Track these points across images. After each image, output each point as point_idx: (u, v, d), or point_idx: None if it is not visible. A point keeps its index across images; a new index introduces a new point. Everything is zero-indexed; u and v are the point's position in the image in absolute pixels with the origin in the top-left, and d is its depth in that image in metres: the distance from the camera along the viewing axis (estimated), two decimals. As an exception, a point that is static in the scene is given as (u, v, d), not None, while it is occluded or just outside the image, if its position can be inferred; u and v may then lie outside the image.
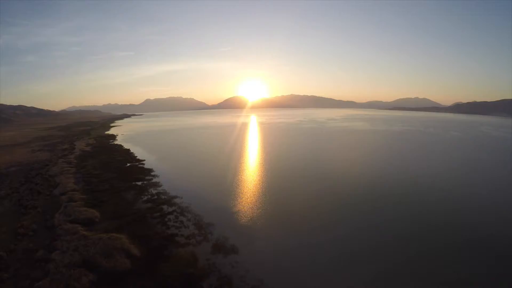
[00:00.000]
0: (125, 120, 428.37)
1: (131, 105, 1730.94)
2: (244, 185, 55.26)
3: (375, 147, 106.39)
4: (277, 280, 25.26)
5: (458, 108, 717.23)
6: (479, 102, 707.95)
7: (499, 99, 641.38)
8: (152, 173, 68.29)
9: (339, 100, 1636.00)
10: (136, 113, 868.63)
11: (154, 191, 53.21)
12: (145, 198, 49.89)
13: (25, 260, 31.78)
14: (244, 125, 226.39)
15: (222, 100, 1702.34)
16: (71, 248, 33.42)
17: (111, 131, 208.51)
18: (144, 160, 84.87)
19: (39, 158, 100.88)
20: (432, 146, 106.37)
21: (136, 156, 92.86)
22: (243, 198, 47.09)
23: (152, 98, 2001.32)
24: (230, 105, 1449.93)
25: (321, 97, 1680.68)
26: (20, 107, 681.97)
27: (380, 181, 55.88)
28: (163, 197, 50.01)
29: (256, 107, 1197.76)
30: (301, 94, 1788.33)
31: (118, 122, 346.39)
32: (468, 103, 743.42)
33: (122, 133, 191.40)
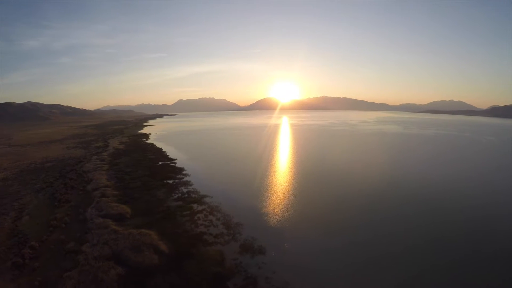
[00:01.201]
0: (158, 120, 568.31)
1: (164, 105, 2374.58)
2: (273, 186, 69.84)
3: (407, 151, 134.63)
4: (302, 283, 32.03)
5: (494, 111, 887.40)
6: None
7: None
8: (184, 172, 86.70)
9: (371, 103, 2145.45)
10: (169, 113, 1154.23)
11: (184, 190, 67.76)
12: (176, 196, 63.32)
13: (56, 251, 41.73)
14: (276, 127, 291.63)
15: (254, 102, 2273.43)
16: (101, 242, 42.74)
17: (144, 130, 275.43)
18: (175, 159, 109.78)
19: (74, 154, 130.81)
20: (465, 151, 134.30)
21: (168, 155, 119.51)
22: (272, 200, 59.74)
23: (184, 99, 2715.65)
24: (261, 107, 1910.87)
25: (353, 99, 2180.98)
26: (56, 106, 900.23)
27: (411, 186, 70.53)
28: (193, 196, 63.23)
29: (288, 109, 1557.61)
30: (333, 96, 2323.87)
31: (151, 122, 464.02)
32: (505, 106, 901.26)
33: (155, 132, 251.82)
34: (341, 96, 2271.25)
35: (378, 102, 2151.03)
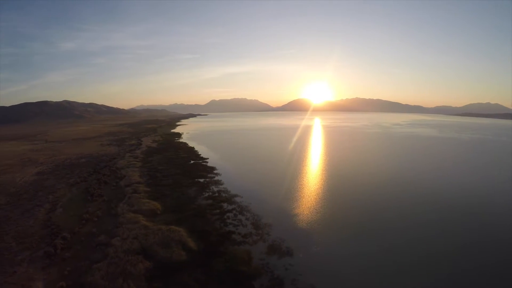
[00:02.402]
0: (191, 119, 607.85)
1: (196, 105, 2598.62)
2: (304, 188, 72.72)
3: (441, 155, 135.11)
4: (328, 287, 33.56)
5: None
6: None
7: None
8: (215, 171, 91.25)
9: (405, 105, 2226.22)
10: (202, 113, 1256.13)
11: (215, 189, 71.34)
12: (206, 195, 66.83)
13: (87, 243, 44.64)
14: (308, 128, 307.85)
15: (286, 102, 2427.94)
16: (131, 236, 45.13)
17: (177, 130, 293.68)
18: (207, 158, 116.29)
19: (108, 151, 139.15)
20: (502, 157, 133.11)
21: (200, 154, 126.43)
22: (303, 202, 62.08)
23: (217, 99, 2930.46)
24: (294, 107, 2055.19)
25: (387, 101, 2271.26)
26: (91, 105, 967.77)
27: (444, 192, 71.03)
28: (224, 195, 66.37)
29: (320, 110, 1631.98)
30: (366, 97, 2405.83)
31: (183, 121, 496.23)
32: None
33: (187, 131, 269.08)
34: (374, 98, 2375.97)
35: (412, 104, 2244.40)
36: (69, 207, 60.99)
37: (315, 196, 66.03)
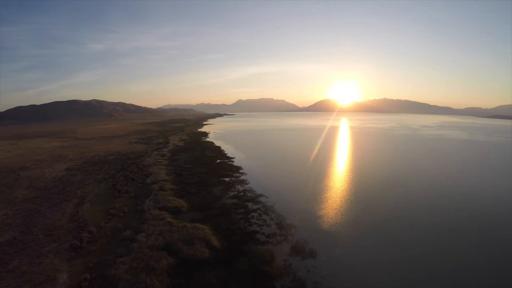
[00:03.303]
0: (218, 119, 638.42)
1: (223, 105, 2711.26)
2: (329, 190, 73.79)
3: (473, 159, 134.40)
4: None
5: None
6: None
7: None
8: (241, 171, 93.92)
9: (434, 106, 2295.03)
10: (228, 113, 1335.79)
11: (241, 188, 73.62)
12: (232, 194, 68.99)
13: (112, 237, 46.20)
14: (334, 129, 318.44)
15: (313, 103, 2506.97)
16: (156, 232, 46.31)
17: (204, 129, 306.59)
18: (233, 157, 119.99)
19: (135, 149, 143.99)
20: None
21: (226, 154, 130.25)
22: (328, 203, 63.08)
23: (243, 99, 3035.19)
24: (321, 108, 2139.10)
25: (415, 102, 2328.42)
26: (119, 104, 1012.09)
27: (480, 198, 69.18)
28: (249, 194, 68.30)
29: (347, 111, 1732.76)
30: (394, 98, 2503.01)
31: (210, 121, 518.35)
32: None
33: (214, 131, 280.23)
34: (403, 99, 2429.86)
35: (441, 106, 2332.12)
36: (96, 202, 63.51)
37: (340, 198, 66.67)
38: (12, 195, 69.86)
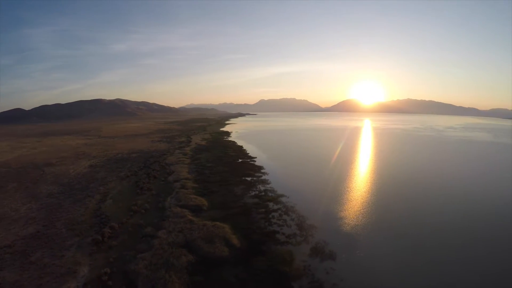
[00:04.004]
0: (240, 118, 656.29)
1: (245, 104, 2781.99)
2: (351, 191, 73.78)
3: (497, 163, 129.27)
4: None
5: None
6: None
7: None
8: (262, 171, 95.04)
9: (459, 107, 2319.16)
10: (251, 113, 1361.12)
11: (262, 188, 74.41)
12: (253, 193, 69.92)
13: (133, 233, 47.25)
14: (357, 129, 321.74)
15: (336, 103, 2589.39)
16: (177, 230, 47.17)
17: (226, 128, 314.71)
18: (255, 157, 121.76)
19: (158, 147, 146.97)
20: None
21: (248, 153, 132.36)
22: (349, 205, 63.14)
23: (266, 99, 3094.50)
24: (343, 108, 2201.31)
25: (440, 103, 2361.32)
26: (143, 103, 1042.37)
27: (502, 204, 67.22)
28: (270, 194, 68.96)
29: (370, 111, 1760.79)
30: (418, 98, 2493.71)
31: (232, 120, 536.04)
32: None
33: (236, 130, 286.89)
34: (427, 99, 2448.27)
35: (466, 106, 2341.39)
36: (119, 199, 65.25)
37: (362, 200, 66.54)
38: (37, 190, 72.72)
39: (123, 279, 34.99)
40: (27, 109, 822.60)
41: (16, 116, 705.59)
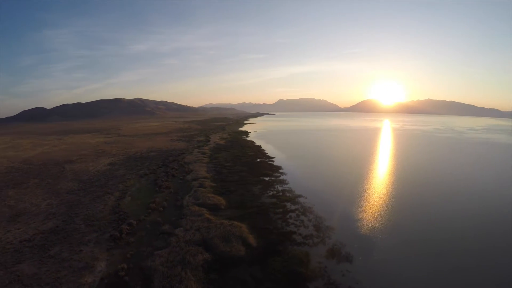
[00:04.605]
0: (258, 118, 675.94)
1: (264, 104, 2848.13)
2: (370, 193, 73.89)
3: None
4: None
5: None
6: None
7: None
8: (281, 171, 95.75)
9: (480, 108, 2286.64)
10: (269, 112, 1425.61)
11: (280, 188, 74.95)
12: (271, 193, 70.49)
13: (151, 230, 48.04)
14: (376, 130, 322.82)
15: (355, 103, 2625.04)
16: (194, 228, 47.76)
17: (245, 128, 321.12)
18: (274, 157, 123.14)
19: (177, 146, 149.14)
20: None
21: (267, 153, 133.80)
22: (368, 207, 63.00)
23: (285, 99, 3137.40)
24: (363, 108, 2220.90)
25: (461, 103, 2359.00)
26: (162, 102, 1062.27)
27: None
28: (288, 194, 69.20)
29: (390, 112, 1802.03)
30: (439, 99, 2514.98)
31: (251, 120, 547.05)
32: None
33: (255, 130, 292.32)
34: (447, 100, 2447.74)
35: (487, 107, 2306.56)
36: (137, 196, 66.67)
37: (380, 202, 66.39)
38: (57, 186, 74.94)
39: (139, 275, 35.64)
40: (48, 108, 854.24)
41: (38, 114, 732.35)
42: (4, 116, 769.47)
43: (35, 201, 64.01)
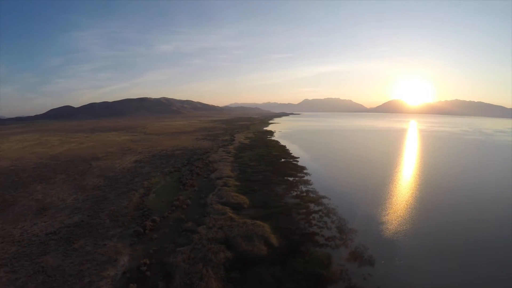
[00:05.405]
0: (283, 118, 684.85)
1: (289, 104, 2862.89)
2: (395, 195, 72.97)
3: None
4: None
5: None
6: None
7: None
8: (305, 171, 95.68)
9: (510, 109, 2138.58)
10: (294, 112, 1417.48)
11: (304, 188, 75.12)
12: (294, 193, 70.74)
13: (174, 227, 48.86)
14: (402, 131, 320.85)
15: (381, 103, 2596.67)
16: (217, 226, 48.25)
17: (269, 128, 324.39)
18: (298, 157, 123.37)
19: (202, 145, 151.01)
20: None
21: (291, 153, 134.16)
22: (392, 210, 62.46)
23: (310, 99, 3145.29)
24: (389, 109, 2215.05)
25: (489, 104, 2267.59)
26: (188, 102, 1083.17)
27: None
28: (311, 195, 69.56)
29: (417, 112, 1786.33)
30: (467, 99, 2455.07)
31: (276, 120, 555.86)
32: None
33: (280, 130, 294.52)
34: (475, 100, 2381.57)
35: None
36: (162, 194, 68.00)
37: (405, 206, 65.49)
38: (83, 182, 77.43)
39: (161, 270, 36.32)
40: (76, 106, 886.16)
41: (66, 113, 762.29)
42: (33, 114, 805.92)
43: (62, 196, 66.35)
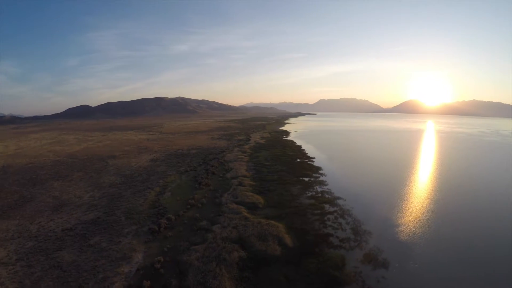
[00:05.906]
0: (299, 118, 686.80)
1: (305, 104, 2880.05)
2: (411, 197, 72.34)
3: None
4: None
5: None
6: None
7: None
8: (320, 171, 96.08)
9: None
10: (310, 112, 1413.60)
11: (319, 189, 75.29)
12: (309, 194, 70.92)
13: (189, 226, 49.28)
14: (419, 132, 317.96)
15: (398, 103, 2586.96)
16: (231, 225, 48.48)
17: (285, 127, 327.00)
18: (314, 157, 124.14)
19: (217, 145, 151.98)
20: None
21: (307, 153, 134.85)
22: (408, 212, 61.91)
23: (326, 98, 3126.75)
24: (406, 109, 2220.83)
25: (508, 105, 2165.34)
26: (203, 101, 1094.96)
27: None
28: (326, 196, 69.53)
29: (433, 113, 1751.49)
30: (485, 100, 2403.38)
31: (292, 120, 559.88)
32: None
33: (295, 130, 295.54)
34: (494, 101, 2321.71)
35: None
36: (177, 192, 68.78)
37: (421, 208, 64.73)
38: (100, 180, 78.89)
39: (175, 268, 36.75)
40: (93, 105, 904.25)
41: (83, 112, 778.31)
42: (51, 113, 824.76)
43: (79, 193, 67.77)
